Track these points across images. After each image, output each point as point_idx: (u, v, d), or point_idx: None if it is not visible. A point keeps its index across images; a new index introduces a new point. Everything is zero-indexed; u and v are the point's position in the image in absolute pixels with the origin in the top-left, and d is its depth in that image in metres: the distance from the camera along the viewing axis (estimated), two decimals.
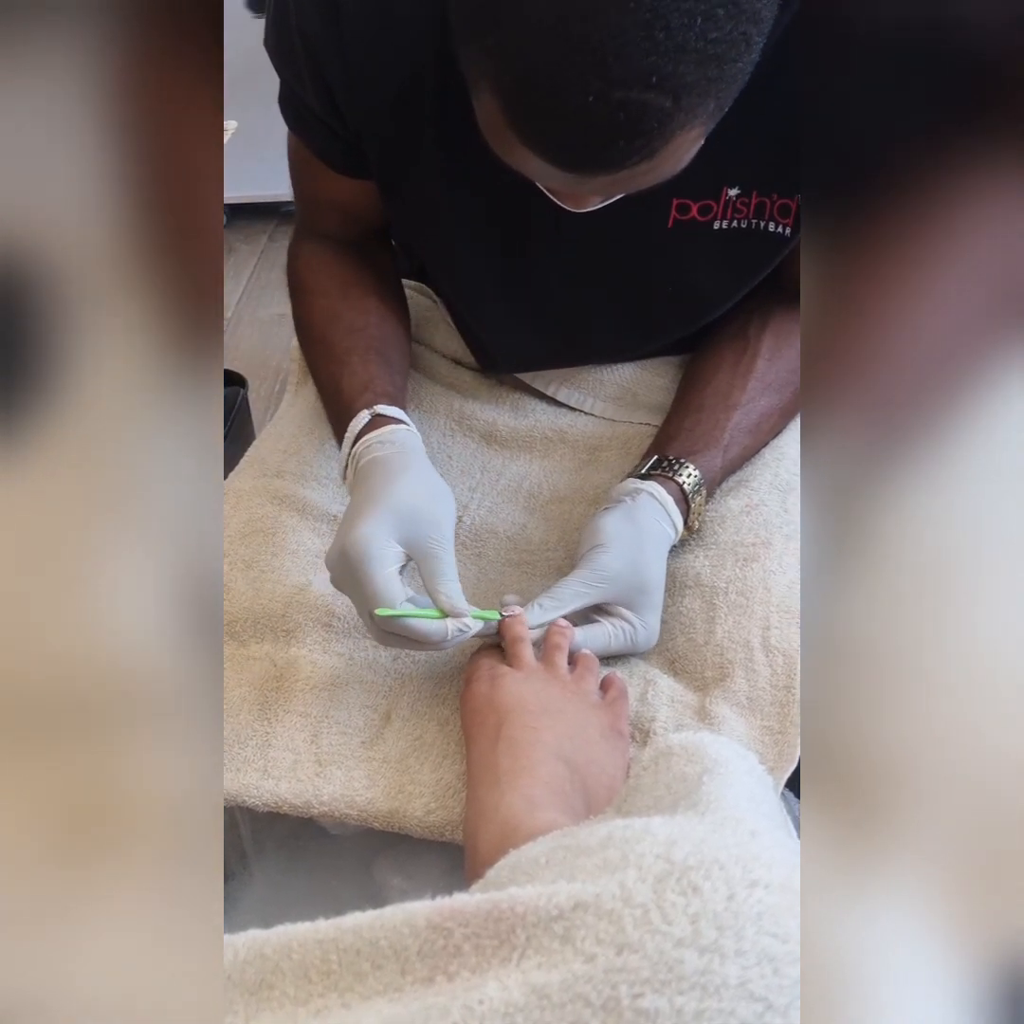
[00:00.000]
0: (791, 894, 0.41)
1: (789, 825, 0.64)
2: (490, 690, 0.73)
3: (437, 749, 0.76)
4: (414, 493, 0.77)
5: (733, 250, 0.86)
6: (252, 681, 0.80)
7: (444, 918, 0.42)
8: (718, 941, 0.39)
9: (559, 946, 0.40)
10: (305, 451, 0.97)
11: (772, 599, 0.81)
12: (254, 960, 0.43)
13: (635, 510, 0.82)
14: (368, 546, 0.72)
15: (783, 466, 0.92)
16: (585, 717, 0.72)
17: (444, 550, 0.75)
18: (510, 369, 1.04)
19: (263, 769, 0.75)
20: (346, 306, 0.94)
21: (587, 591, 0.78)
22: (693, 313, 0.95)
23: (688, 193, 0.83)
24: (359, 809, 0.73)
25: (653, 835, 0.44)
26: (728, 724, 0.75)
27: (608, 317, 0.96)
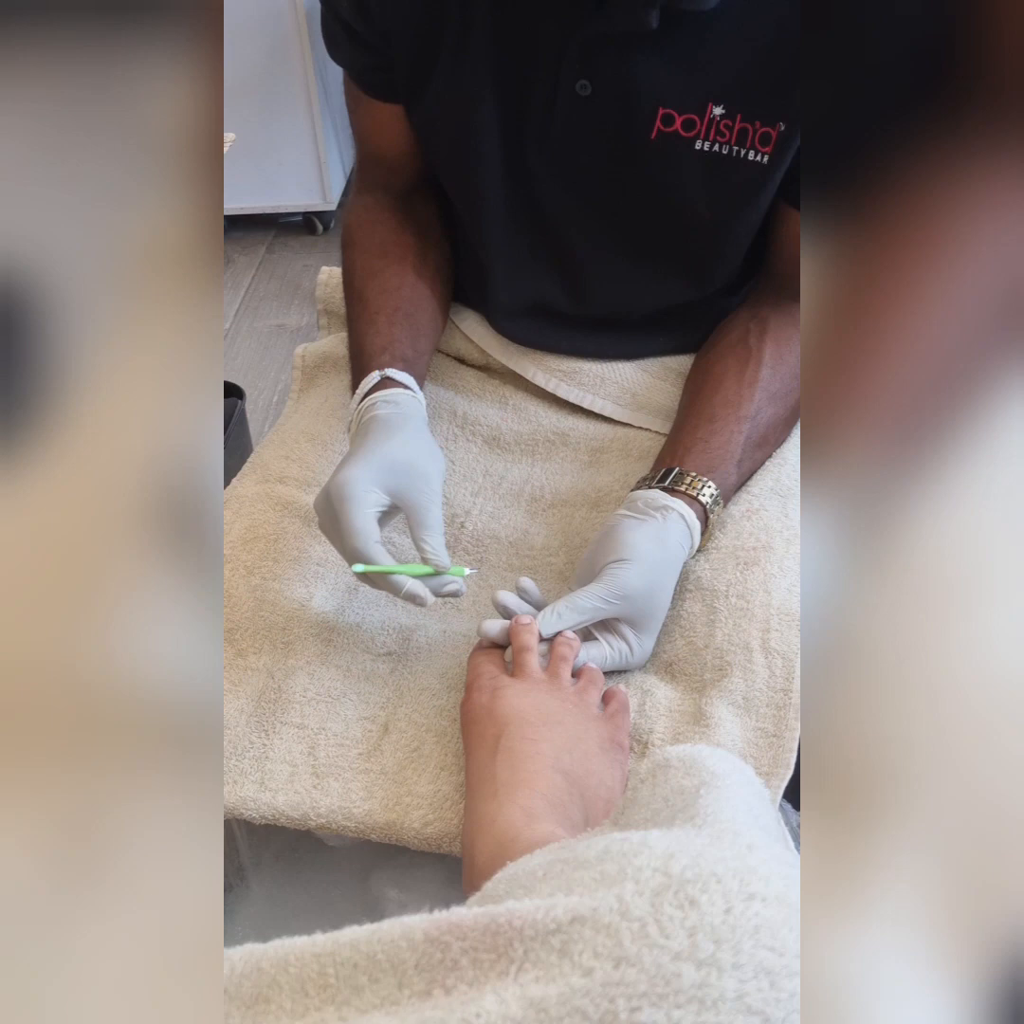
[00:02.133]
0: (788, 907, 0.41)
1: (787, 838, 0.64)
2: (490, 701, 0.73)
3: (435, 761, 0.76)
4: (406, 447, 0.81)
5: (713, 175, 0.87)
6: (250, 693, 0.80)
7: (442, 932, 0.42)
8: (715, 954, 0.39)
9: (557, 960, 0.40)
10: (308, 457, 0.97)
11: (772, 602, 0.81)
12: (251, 974, 0.43)
13: (665, 531, 0.82)
14: (350, 487, 0.77)
15: (784, 472, 0.92)
16: (584, 729, 0.72)
17: (433, 503, 0.79)
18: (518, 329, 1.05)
19: (260, 781, 0.75)
20: (383, 264, 0.98)
21: (605, 606, 0.78)
22: (677, 239, 0.95)
23: (673, 104, 0.84)
24: (356, 821, 0.73)
25: (651, 848, 0.44)
26: (724, 727, 0.75)
27: (599, 234, 0.96)
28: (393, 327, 0.93)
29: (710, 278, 0.98)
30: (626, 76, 0.84)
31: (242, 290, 2.57)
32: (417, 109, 0.94)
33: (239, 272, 2.63)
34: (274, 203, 2.59)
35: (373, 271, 0.98)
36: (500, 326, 1.07)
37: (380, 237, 1.00)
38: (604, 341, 1.05)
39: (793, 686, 0.77)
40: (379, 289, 0.96)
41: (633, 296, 1.01)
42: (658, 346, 1.05)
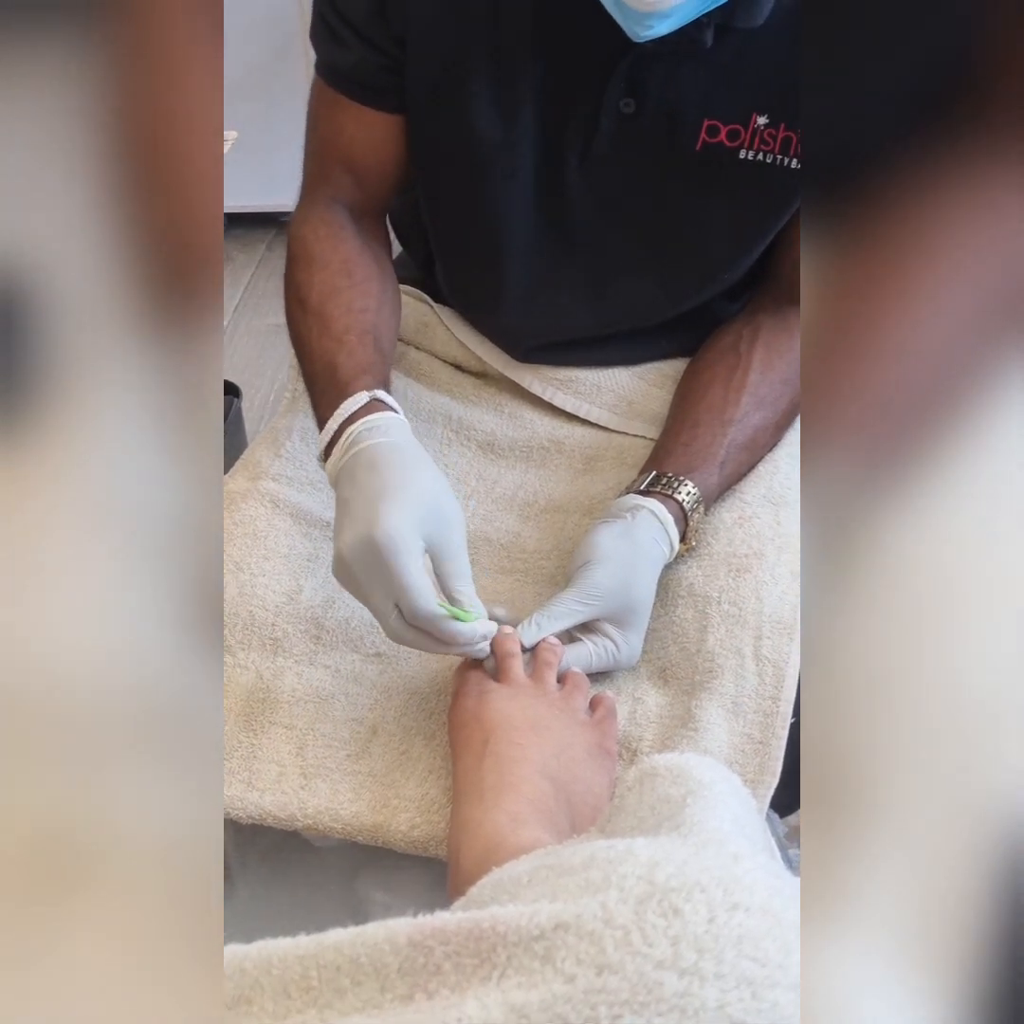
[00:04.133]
0: (772, 917, 0.41)
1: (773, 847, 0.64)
2: (477, 705, 0.73)
3: (423, 763, 0.76)
4: (435, 489, 0.76)
5: (755, 186, 0.88)
6: (238, 692, 0.80)
7: (425, 936, 0.42)
8: (698, 964, 0.39)
9: (539, 966, 0.40)
10: (300, 456, 0.97)
11: (764, 609, 0.81)
12: (233, 975, 0.43)
13: (634, 528, 0.82)
14: (402, 537, 0.70)
15: (776, 479, 0.92)
16: (572, 735, 0.72)
17: (462, 548, 0.75)
18: (524, 342, 1.04)
19: (248, 781, 0.75)
20: (348, 283, 0.92)
21: (580, 608, 0.79)
22: (710, 256, 0.95)
23: (719, 115, 0.85)
24: (344, 823, 0.73)
25: (636, 856, 0.44)
26: (712, 731, 0.75)
27: (631, 251, 0.95)
28: (367, 348, 0.87)
29: (724, 283, 0.98)
30: (672, 91, 0.84)
31: (241, 288, 2.57)
32: (430, 121, 0.92)
33: (238, 270, 2.63)
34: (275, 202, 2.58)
35: (336, 288, 0.91)
36: (506, 346, 1.05)
37: (343, 255, 0.94)
38: (611, 350, 1.04)
39: (782, 695, 0.77)
40: (344, 308, 0.90)
41: (654, 310, 1.00)
42: (660, 351, 1.05)
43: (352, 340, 0.87)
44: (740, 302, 1.02)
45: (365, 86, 0.92)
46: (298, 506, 0.92)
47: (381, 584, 0.71)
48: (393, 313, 0.96)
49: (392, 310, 0.96)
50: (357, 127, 0.94)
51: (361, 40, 0.89)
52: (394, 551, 0.70)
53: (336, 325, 0.88)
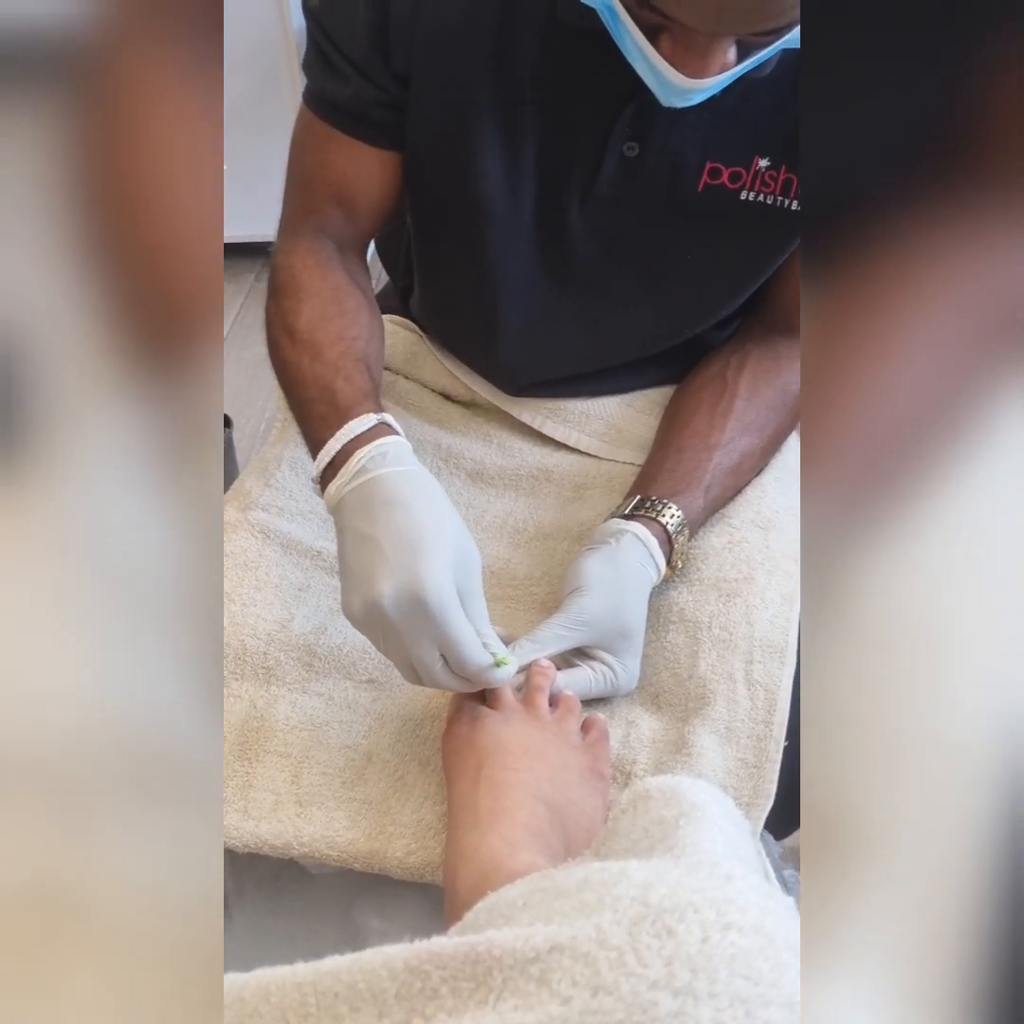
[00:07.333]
0: (764, 937, 0.41)
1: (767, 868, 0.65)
2: (470, 731, 0.73)
3: (418, 790, 0.76)
4: (462, 532, 0.75)
5: (755, 226, 0.88)
6: (233, 721, 0.80)
7: (422, 961, 0.42)
8: (692, 983, 0.39)
9: (535, 988, 0.40)
10: (290, 486, 0.97)
11: (755, 634, 0.82)
12: (232, 1004, 0.43)
13: (618, 552, 0.83)
14: (448, 591, 0.69)
15: (764, 503, 0.93)
16: (565, 758, 0.72)
17: (481, 589, 0.74)
18: (519, 379, 1.04)
19: (243, 810, 0.75)
20: (338, 311, 0.90)
21: (567, 634, 0.79)
22: (709, 293, 0.96)
23: (721, 157, 0.86)
24: (340, 850, 0.73)
25: (629, 878, 0.44)
26: (706, 756, 0.75)
27: (630, 291, 0.96)
28: (363, 375, 0.85)
29: (721, 316, 0.99)
30: (676, 135, 0.85)
31: (230, 318, 2.58)
32: (431, 162, 0.91)
33: (227, 300, 2.64)
34: (263, 232, 2.59)
35: (327, 316, 0.89)
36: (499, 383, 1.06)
37: (332, 284, 0.92)
38: (602, 380, 1.05)
39: (774, 718, 0.78)
40: (336, 335, 0.88)
41: (650, 343, 1.01)
42: (649, 379, 1.06)
43: (348, 366, 0.85)
44: (729, 329, 1.03)
45: (360, 120, 0.91)
46: (288, 536, 0.93)
47: (428, 636, 0.70)
48: (381, 346, 0.95)
49: (380, 343, 0.95)
50: (349, 161, 0.93)
51: (359, 74, 0.87)
52: (443, 605, 0.69)
53: (330, 352, 0.86)
